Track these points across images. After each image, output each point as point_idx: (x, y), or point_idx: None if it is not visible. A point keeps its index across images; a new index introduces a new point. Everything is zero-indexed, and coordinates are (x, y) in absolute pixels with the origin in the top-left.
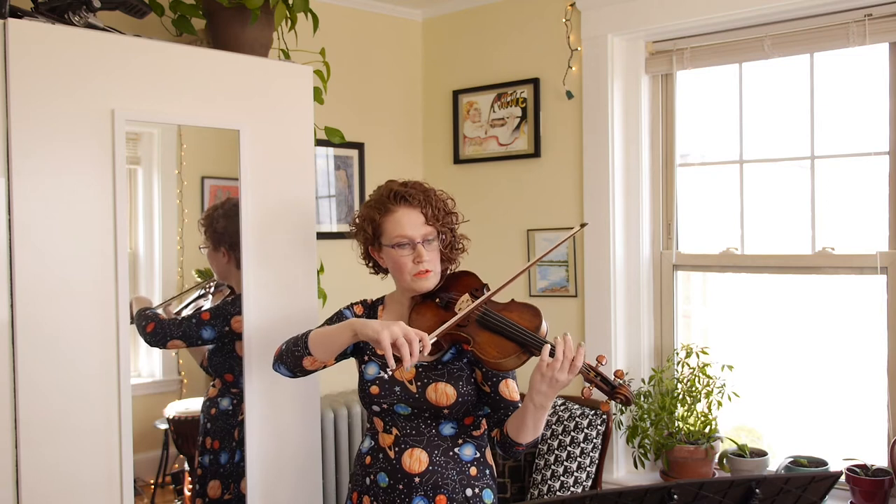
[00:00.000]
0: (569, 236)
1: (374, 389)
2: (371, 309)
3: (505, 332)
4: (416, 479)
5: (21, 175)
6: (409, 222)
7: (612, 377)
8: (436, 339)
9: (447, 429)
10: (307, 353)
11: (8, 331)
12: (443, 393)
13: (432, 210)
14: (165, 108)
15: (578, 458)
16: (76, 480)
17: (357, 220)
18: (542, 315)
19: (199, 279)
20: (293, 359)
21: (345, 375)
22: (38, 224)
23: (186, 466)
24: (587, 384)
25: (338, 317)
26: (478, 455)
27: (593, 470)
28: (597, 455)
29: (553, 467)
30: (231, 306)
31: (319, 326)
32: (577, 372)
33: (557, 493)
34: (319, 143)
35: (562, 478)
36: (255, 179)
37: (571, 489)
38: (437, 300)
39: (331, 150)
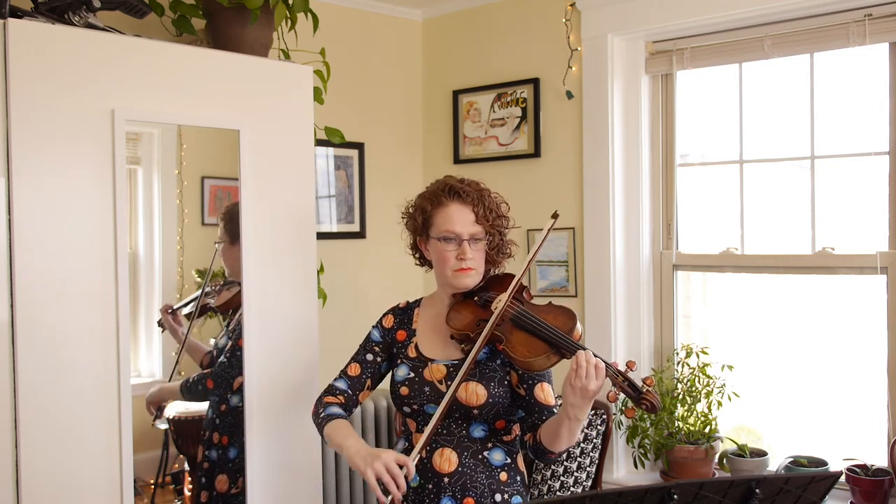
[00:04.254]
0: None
1: (404, 391)
2: (405, 313)
3: (537, 332)
4: (446, 480)
5: (21, 175)
6: (459, 218)
7: (639, 383)
8: (418, 458)
9: (477, 431)
10: (324, 441)
11: (8, 331)
12: (473, 393)
13: (484, 210)
14: (165, 108)
15: (578, 458)
16: (76, 480)
17: (409, 209)
18: (577, 318)
19: (198, 279)
20: (319, 431)
21: None
22: (38, 224)
23: (186, 466)
24: (613, 388)
25: (365, 343)
26: (508, 461)
27: (593, 470)
28: (597, 455)
29: (553, 467)
30: None
31: (352, 358)
32: (605, 376)
33: (557, 493)
34: (319, 143)
35: (562, 478)
36: (255, 179)
37: (571, 489)
38: (476, 299)
39: (331, 150)
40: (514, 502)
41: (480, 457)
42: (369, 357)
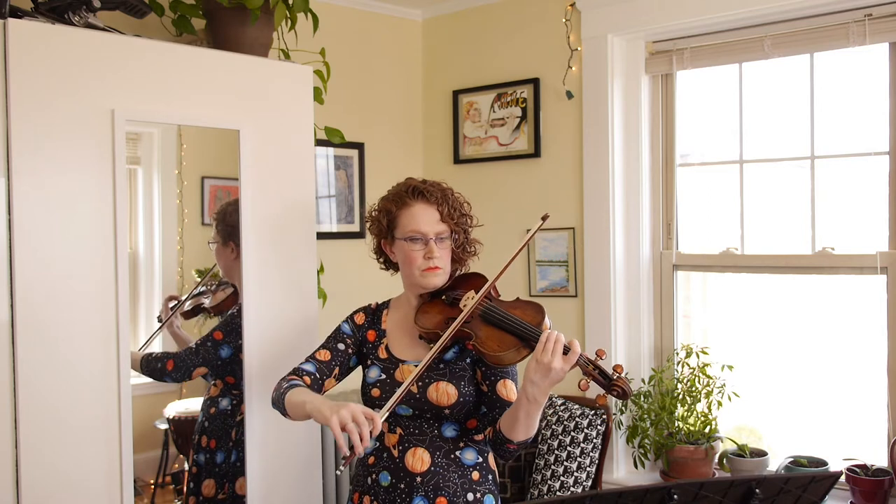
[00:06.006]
0: (534, 231)
1: (376, 392)
2: (375, 314)
3: (506, 327)
4: (418, 479)
5: (21, 175)
6: (424, 218)
7: (610, 371)
8: (387, 415)
9: (449, 431)
10: (286, 413)
11: (8, 331)
12: (444, 392)
13: (448, 209)
14: (165, 108)
15: (578, 458)
16: (76, 480)
17: (373, 212)
18: (545, 312)
19: (198, 279)
20: (280, 409)
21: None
22: (38, 224)
23: (186, 466)
24: (584, 377)
25: (335, 334)
26: (480, 460)
27: (593, 470)
28: (597, 455)
29: (553, 467)
30: (239, 318)
31: (321, 346)
32: (574, 362)
33: (557, 493)
34: (319, 143)
35: (562, 478)
36: (255, 179)
37: (571, 489)
38: (444, 298)
39: (331, 150)
40: (486, 501)
41: (453, 456)
42: (340, 346)
